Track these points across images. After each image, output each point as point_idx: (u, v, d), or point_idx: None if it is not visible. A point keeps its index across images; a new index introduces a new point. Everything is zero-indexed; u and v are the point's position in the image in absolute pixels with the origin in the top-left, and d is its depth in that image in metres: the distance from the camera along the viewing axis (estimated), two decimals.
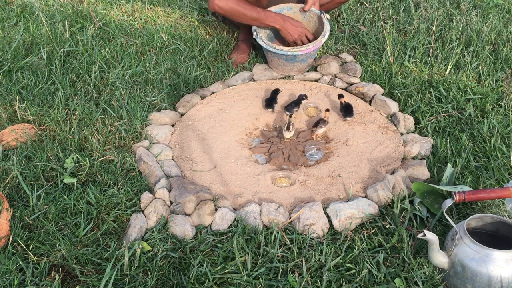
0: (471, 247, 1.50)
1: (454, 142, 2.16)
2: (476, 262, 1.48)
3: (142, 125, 2.38)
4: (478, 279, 1.48)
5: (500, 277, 1.46)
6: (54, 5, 3.52)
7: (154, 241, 1.77)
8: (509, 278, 1.45)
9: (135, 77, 2.76)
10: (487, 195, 1.55)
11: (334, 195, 1.99)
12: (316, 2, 2.74)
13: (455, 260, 1.52)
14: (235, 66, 2.83)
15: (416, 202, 1.86)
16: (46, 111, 2.44)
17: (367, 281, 1.61)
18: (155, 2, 3.62)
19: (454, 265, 1.53)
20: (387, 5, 3.46)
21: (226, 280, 1.63)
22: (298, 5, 2.76)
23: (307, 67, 2.77)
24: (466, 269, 1.50)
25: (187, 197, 1.91)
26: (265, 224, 1.85)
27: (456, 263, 1.52)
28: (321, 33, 2.66)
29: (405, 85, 2.58)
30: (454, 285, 1.55)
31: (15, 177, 2.04)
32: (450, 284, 1.57)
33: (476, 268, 1.48)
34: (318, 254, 1.70)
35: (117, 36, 3.11)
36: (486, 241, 1.53)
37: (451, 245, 1.55)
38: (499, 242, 1.56)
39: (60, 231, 1.83)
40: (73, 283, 1.66)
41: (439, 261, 1.55)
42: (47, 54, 2.92)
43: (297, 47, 2.58)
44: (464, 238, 1.52)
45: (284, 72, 2.75)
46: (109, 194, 1.96)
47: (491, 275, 1.47)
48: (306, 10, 2.73)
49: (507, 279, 1.46)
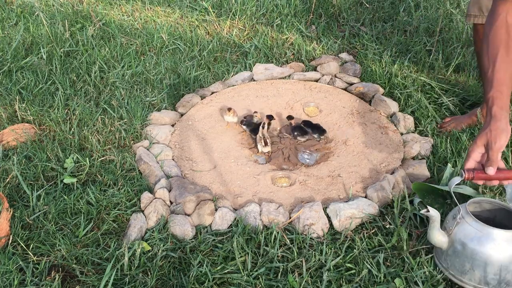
0: (473, 226, 1.52)
1: (454, 142, 2.16)
2: (477, 241, 1.50)
3: (142, 125, 2.38)
4: (477, 257, 1.50)
5: (499, 256, 1.48)
6: (54, 5, 3.52)
7: (154, 241, 1.77)
8: (507, 258, 1.48)
9: (135, 77, 2.76)
10: (495, 176, 1.52)
11: (334, 195, 1.99)
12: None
13: (456, 238, 1.54)
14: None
15: (416, 202, 1.86)
16: (46, 111, 2.44)
17: (367, 281, 1.61)
18: (155, 2, 3.62)
19: (454, 243, 1.55)
20: (387, 5, 3.46)
21: (226, 280, 1.63)
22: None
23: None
24: (467, 247, 1.52)
25: (187, 197, 1.91)
26: (265, 224, 1.85)
27: (457, 241, 1.54)
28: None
29: (405, 85, 2.58)
30: (452, 264, 1.57)
31: (15, 177, 2.04)
32: (447, 264, 1.59)
33: (476, 246, 1.50)
34: (318, 254, 1.70)
35: (117, 36, 3.11)
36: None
37: (452, 224, 1.57)
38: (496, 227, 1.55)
39: (60, 231, 1.83)
40: (73, 283, 1.66)
41: (438, 240, 1.57)
42: (47, 54, 2.92)
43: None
44: (466, 217, 1.55)
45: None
46: (109, 194, 1.96)
47: (490, 254, 1.48)
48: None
49: (505, 259, 1.48)
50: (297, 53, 2.99)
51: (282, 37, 3.14)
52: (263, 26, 3.26)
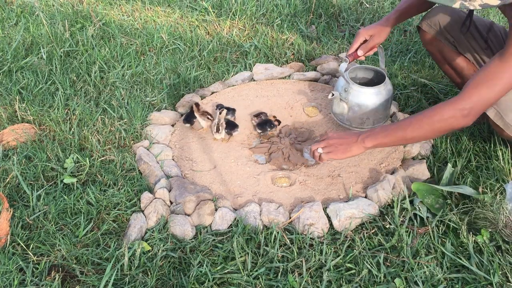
0: (360, 91, 2.16)
1: (454, 142, 2.16)
2: (364, 98, 2.16)
3: (142, 125, 2.38)
4: (364, 108, 2.17)
5: (374, 103, 2.16)
6: (54, 5, 3.52)
7: (154, 241, 1.77)
8: (377, 104, 2.16)
9: (135, 77, 2.76)
10: (363, 54, 2.25)
11: (334, 195, 1.99)
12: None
13: (352, 103, 2.17)
14: None
15: (416, 202, 1.86)
16: (46, 111, 2.45)
17: (367, 281, 1.61)
18: (155, 2, 3.62)
19: (352, 106, 2.18)
20: (387, 5, 3.46)
21: (226, 280, 1.63)
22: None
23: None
24: (360, 105, 2.17)
25: (187, 197, 1.91)
26: (265, 224, 1.85)
27: (354, 104, 2.17)
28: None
29: (405, 85, 2.58)
30: (354, 121, 2.22)
31: (15, 177, 2.04)
32: (349, 122, 2.24)
33: (365, 102, 2.16)
34: (318, 254, 1.70)
35: (117, 36, 3.11)
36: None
37: (346, 95, 2.18)
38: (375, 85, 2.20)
39: (60, 231, 1.83)
40: (73, 283, 1.66)
41: (341, 108, 2.21)
42: (47, 54, 2.92)
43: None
44: (353, 86, 2.16)
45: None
46: (109, 194, 1.96)
47: (372, 103, 2.16)
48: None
49: (376, 105, 2.17)
50: (297, 53, 2.99)
51: (282, 37, 3.14)
52: (263, 26, 3.26)
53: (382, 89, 2.17)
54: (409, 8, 2.16)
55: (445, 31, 2.15)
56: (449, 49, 2.19)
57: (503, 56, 1.59)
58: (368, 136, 1.81)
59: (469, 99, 1.62)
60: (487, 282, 1.57)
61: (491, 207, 1.74)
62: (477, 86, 1.62)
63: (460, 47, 2.15)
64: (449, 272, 1.62)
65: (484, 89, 1.61)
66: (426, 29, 2.20)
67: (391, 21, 2.17)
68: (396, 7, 2.19)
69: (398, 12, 2.17)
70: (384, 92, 2.18)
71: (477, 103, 1.62)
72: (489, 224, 1.72)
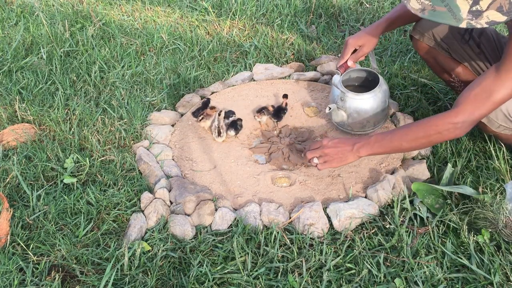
0: (355, 98, 2.17)
1: (454, 142, 2.16)
2: (362, 104, 2.17)
3: (142, 125, 2.38)
4: (364, 114, 2.18)
5: (372, 107, 2.18)
6: (54, 5, 3.52)
7: (154, 241, 1.77)
8: (374, 108, 2.18)
9: (135, 77, 2.76)
10: (352, 63, 2.24)
11: (334, 195, 1.99)
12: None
13: (351, 110, 2.18)
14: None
15: (416, 202, 1.86)
16: (46, 111, 2.45)
17: (367, 281, 1.61)
18: (155, 2, 3.62)
19: (351, 114, 2.19)
20: (387, 5, 3.46)
21: (226, 280, 1.63)
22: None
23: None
24: (359, 111, 2.18)
25: (187, 197, 1.91)
26: (265, 224, 1.85)
27: (352, 111, 2.18)
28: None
29: (405, 85, 2.58)
30: (354, 126, 2.23)
31: (15, 177, 2.04)
32: (351, 128, 2.25)
33: (363, 107, 2.17)
34: (318, 254, 1.70)
35: (117, 36, 3.12)
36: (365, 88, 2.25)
37: (343, 104, 2.18)
38: (373, 86, 2.20)
39: (60, 231, 1.83)
40: (73, 283, 1.66)
41: (340, 117, 2.21)
42: (47, 54, 2.92)
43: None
44: (349, 94, 2.17)
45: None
46: (109, 194, 1.96)
47: (370, 107, 2.18)
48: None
49: (373, 109, 2.18)
50: (297, 53, 2.99)
51: (282, 37, 3.14)
52: (263, 26, 3.26)
53: (378, 91, 2.17)
54: (399, 18, 2.15)
55: (438, 38, 2.15)
56: (443, 56, 2.19)
57: (499, 71, 1.64)
58: (363, 146, 1.86)
59: (462, 114, 1.70)
60: (487, 281, 1.57)
61: (491, 207, 1.74)
62: (471, 101, 1.69)
63: (454, 53, 2.15)
64: (449, 272, 1.62)
65: (478, 104, 1.68)
66: (418, 37, 2.19)
67: (380, 30, 2.17)
68: (387, 15, 2.17)
69: (389, 21, 2.15)
70: (380, 94, 2.18)
71: (470, 117, 1.70)
72: (489, 224, 1.72)
